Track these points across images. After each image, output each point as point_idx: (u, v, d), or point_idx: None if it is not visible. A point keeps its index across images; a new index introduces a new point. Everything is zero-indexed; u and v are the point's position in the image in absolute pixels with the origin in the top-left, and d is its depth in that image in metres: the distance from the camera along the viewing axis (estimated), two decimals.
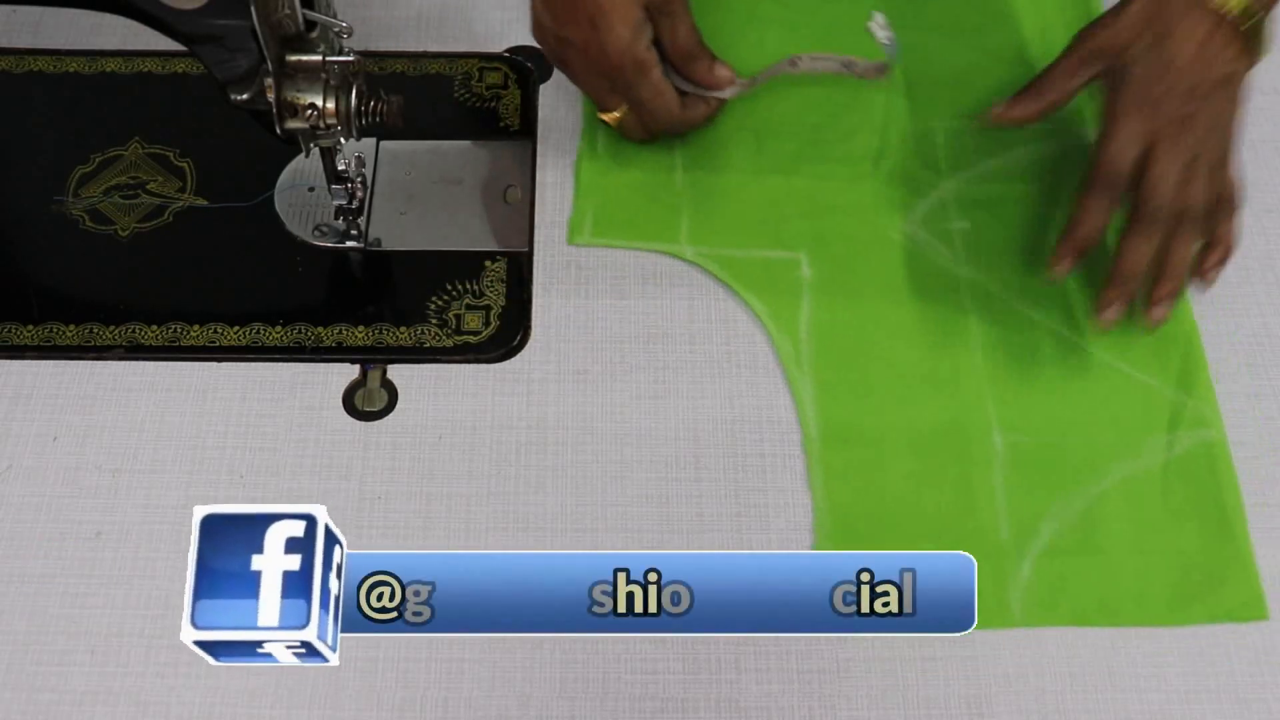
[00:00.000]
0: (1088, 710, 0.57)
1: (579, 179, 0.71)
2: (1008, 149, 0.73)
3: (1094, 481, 0.62)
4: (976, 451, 0.63)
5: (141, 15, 0.57)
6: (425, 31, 0.77)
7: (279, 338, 0.65)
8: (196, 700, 0.56)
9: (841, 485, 0.62)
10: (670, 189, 0.71)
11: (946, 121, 0.74)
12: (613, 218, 0.70)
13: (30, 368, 0.64)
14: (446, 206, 0.70)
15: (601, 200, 0.70)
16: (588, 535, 0.60)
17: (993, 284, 0.68)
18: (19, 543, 0.59)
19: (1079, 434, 0.63)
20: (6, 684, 0.56)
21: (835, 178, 0.71)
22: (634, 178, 0.71)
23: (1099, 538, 0.61)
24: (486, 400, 0.64)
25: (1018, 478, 0.62)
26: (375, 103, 0.61)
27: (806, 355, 0.65)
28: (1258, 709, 0.57)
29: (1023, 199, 0.71)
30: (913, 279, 0.68)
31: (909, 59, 0.75)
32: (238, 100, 0.59)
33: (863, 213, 0.70)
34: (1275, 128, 0.75)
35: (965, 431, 0.63)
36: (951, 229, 0.70)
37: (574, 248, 0.69)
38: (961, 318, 0.67)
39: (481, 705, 0.56)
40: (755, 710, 0.56)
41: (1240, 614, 0.59)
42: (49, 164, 0.70)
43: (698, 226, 0.69)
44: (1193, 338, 0.66)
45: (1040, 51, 0.76)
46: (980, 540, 0.60)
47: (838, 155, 0.72)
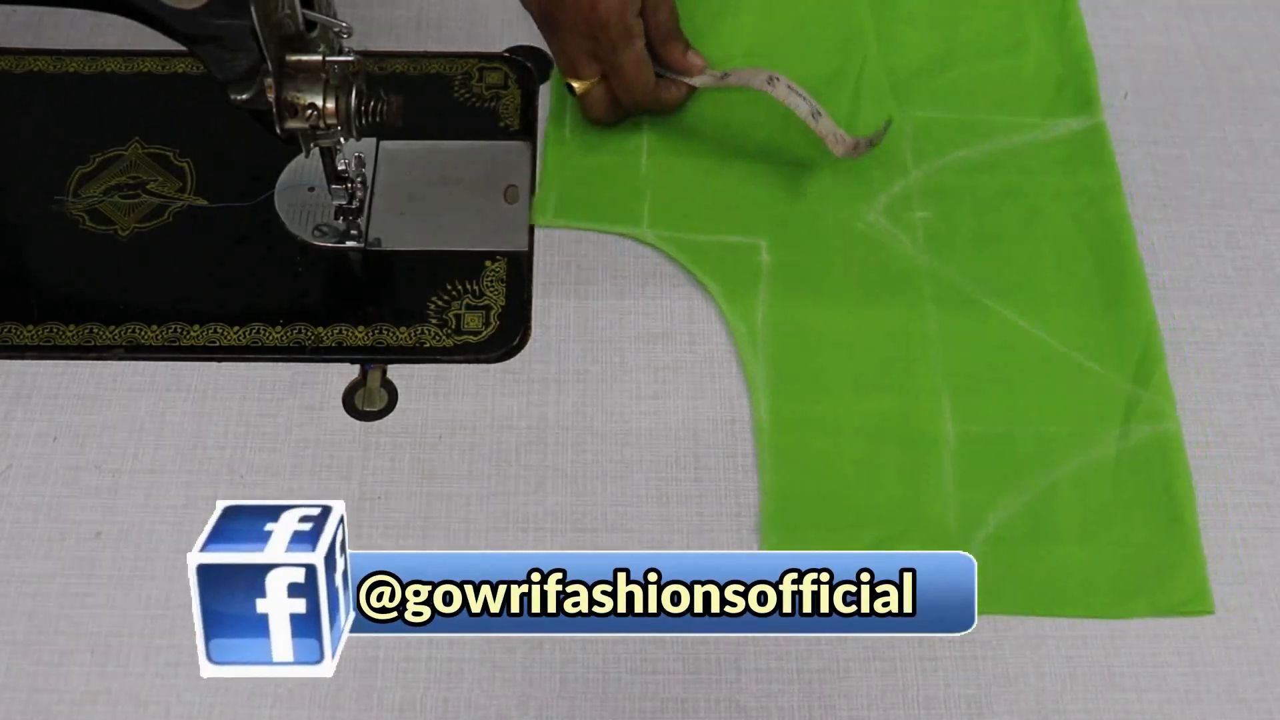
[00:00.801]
0: (1088, 710, 0.57)
1: (545, 161, 0.71)
2: (975, 140, 0.73)
3: (1045, 472, 0.62)
4: (927, 440, 0.63)
5: (141, 15, 0.57)
6: (425, 31, 0.77)
7: (279, 338, 0.65)
8: (196, 700, 0.56)
9: (790, 471, 0.61)
10: (635, 173, 0.71)
11: (916, 112, 0.74)
12: (576, 200, 0.70)
13: (30, 368, 0.64)
14: (446, 206, 0.70)
15: (566, 183, 0.71)
16: (588, 535, 0.60)
17: (952, 273, 0.68)
18: (19, 543, 0.59)
19: (1032, 424, 0.63)
20: (6, 684, 0.56)
21: (801, 166, 0.71)
22: (600, 161, 0.71)
23: (1048, 528, 0.61)
24: (486, 400, 0.64)
25: (968, 467, 0.62)
26: (375, 103, 0.61)
27: (762, 340, 0.65)
28: (1258, 709, 0.57)
29: (986, 190, 0.71)
30: (872, 267, 0.68)
31: (880, 49, 0.76)
32: (238, 100, 0.59)
33: (826, 201, 0.70)
34: (1275, 128, 0.75)
35: (917, 420, 0.63)
36: (914, 219, 0.70)
37: (575, 248, 0.69)
38: (919, 306, 0.67)
39: (481, 705, 0.56)
40: (755, 710, 0.56)
41: (1185, 608, 0.59)
42: (49, 164, 0.70)
43: (660, 210, 0.70)
44: (1152, 331, 0.66)
45: (1011, 42, 0.77)
46: (925, 529, 0.60)
47: (805, 144, 0.72)
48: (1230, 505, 0.62)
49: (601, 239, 0.69)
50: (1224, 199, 0.72)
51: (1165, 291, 0.68)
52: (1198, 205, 0.72)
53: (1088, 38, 0.77)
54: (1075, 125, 0.74)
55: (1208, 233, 0.71)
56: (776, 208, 0.70)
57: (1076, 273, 0.68)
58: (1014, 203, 0.70)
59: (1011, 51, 0.76)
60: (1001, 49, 0.76)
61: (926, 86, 0.75)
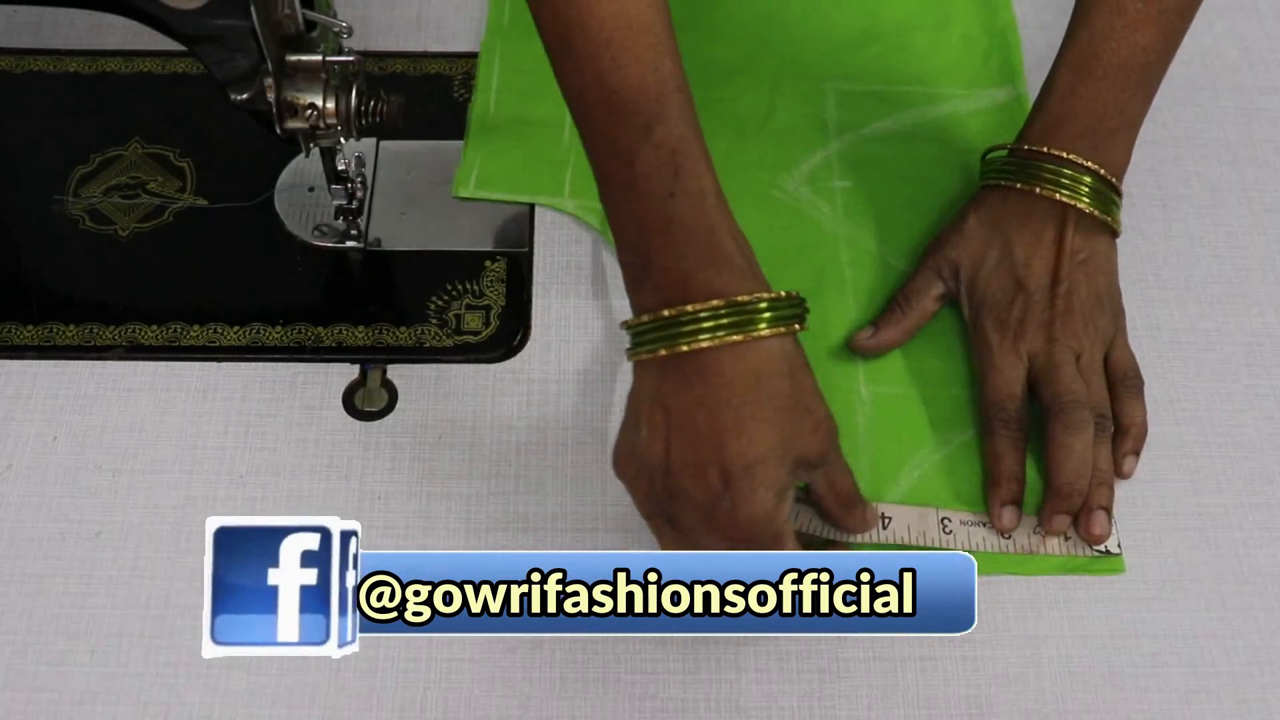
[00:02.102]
0: (1088, 710, 0.57)
1: (467, 133, 0.71)
2: (897, 111, 0.73)
3: (958, 432, 0.63)
4: (842, 402, 0.63)
5: (141, 15, 0.57)
6: (425, 31, 0.77)
7: (279, 338, 0.65)
8: (196, 700, 0.56)
9: None
10: (558, 145, 0.71)
11: (837, 83, 0.74)
12: (498, 171, 0.70)
13: (30, 368, 0.64)
14: (446, 206, 0.70)
15: (488, 154, 0.71)
16: (588, 535, 0.60)
17: (869, 240, 0.69)
18: (19, 543, 0.59)
19: (946, 386, 0.64)
20: (6, 684, 0.56)
21: (721, 136, 0.69)
22: (522, 134, 0.71)
23: (959, 486, 0.61)
24: (486, 400, 0.64)
25: (882, 427, 0.63)
26: (375, 103, 0.61)
27: None
28: (1258, 709, 0.57)
29: (907, 159, 0.71)
30: (790, 234, 0.68)
31: (804, 28, 0.76)
32: (238, 100, 0.59)
33: (747, 170, 0.70)
34: (1275, 128, 0.75)
35: (833, 381, 0.64)
36: (834, 187, 0.70)
37: (575, 248, 0.69)
38: (836, 270, 0.67)
39: (481, 705, 0.56)
40: (755, 710, 0.56)
41: (1096, 567, 0.60)
42: (49, 164, 0.70)
43: (582, 181, 0.69)
44: None
45: (936, 17, 0.77)
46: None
47: (726, 114, 0.72)
48: (1230, 505, 0.62)
49: (601, 238, 0.69)
50: (1224, 199, 0.72)
51: (1165, 291, 0.68)
52: (1198, 205, 0.72)
53: (1012, 10, 0.78)
54: (1000, 96, 0.74)
55: (1208, 233, 0.71)
56: None
57: None
58: (935, 171, 0.71)
59: (937, 26, 0.77)
60: (927, 24, 0.77)
61: (850, 60, 0.75)
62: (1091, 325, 0.62)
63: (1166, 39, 0.62)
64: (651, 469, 0.52)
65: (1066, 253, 0.62)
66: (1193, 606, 0.59)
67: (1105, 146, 0.62)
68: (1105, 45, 0.61)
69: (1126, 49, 0.61)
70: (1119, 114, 0.62)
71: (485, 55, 0.75)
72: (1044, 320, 0.61)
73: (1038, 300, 0.62)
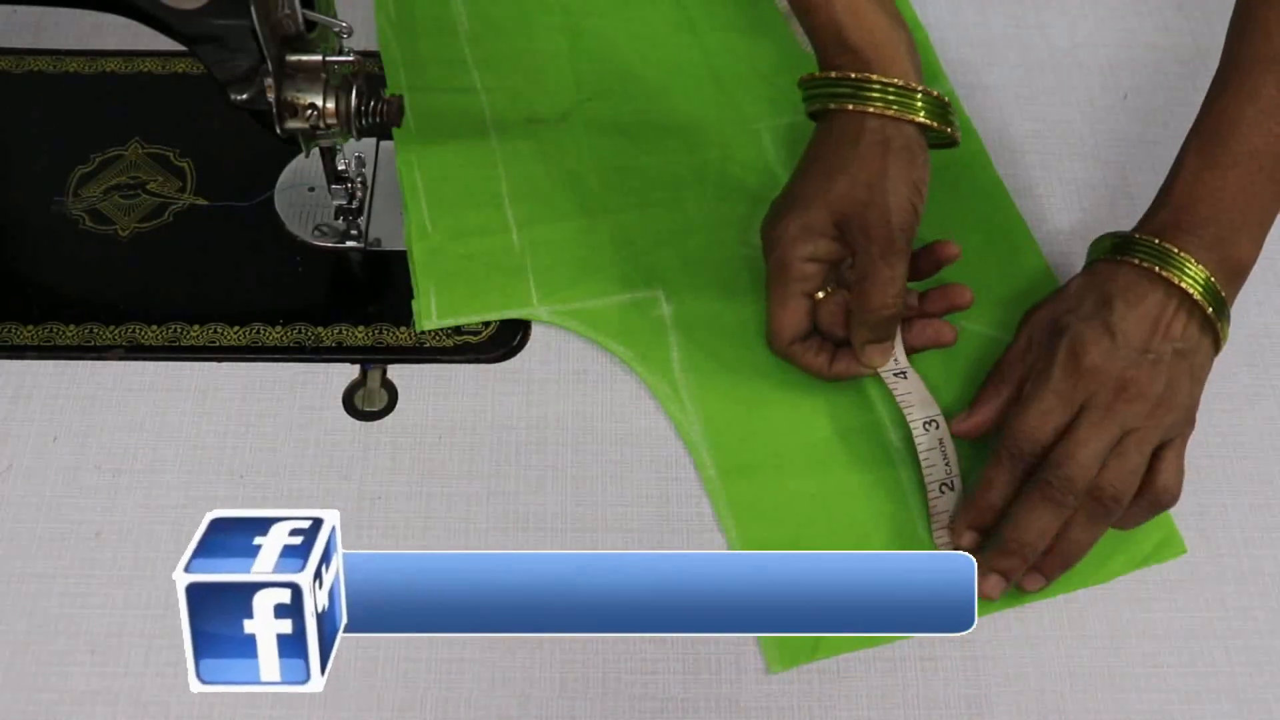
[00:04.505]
0: (1088, 710, 0.57)
1: (412, 260, 0.67)
2: None
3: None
4: (877, 452, 0.62)
5: (141, 15, 0.57)
6: None
7: (279, 338, 0.65)
8: (196, 700, 0.56)
9: (750, 517, 0.60)
10: (509, 251, 0.67)
11: (768, 121, 0.73)
12: (458, 296, 0.66)
13: (30, 368, 0.64)
14: None
15: (441, 280, 0.66)
16: (588, 535, 0.60)
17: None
18: (19, 543, 0.59)
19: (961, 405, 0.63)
20: (6, 684, 0.56)
21: (672, 205, 0.69)
22: (470, 247, 0.67)
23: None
24: (486, 400, 0.64)
25: (919, 466, 0.61)
26: (375, 103, 0.61)
27: (687, 397, 0.63)
28: (1258, 709, 0.57)
29: None
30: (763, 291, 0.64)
31: (719, 61, 0.75)
32: (238, 100, 0.59)
33: (709, 231, 0.68)
34: None
35: (862, 433, 0.63)
36: None
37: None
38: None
39: (481, 705, 0.56)
40: (755, 710, 0.56)
41: (1160, 555, 0.60)
42: (49, 164, 0.70)
43: (546, 284, 0.66)
44: (1051, 285, 0.66)
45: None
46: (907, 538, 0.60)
47: (667, 181, 0.70)
48: (1230, 505, 0.62)
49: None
50: None
51: None
52: None
53: (913, 9, 0.78)
54: None
55: None
56: (661, 253, 0.68)
57: (968, 246, 0.65)
58: None
59: None
60: None
61: (773, 94, 0.73)
62: (1162, 409, 0.57)
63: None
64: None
65: (1164, 328, 0.58)
66: (1192, 606, 0.59)
67: (1230, 240, 0.59)
68: (1235, 131, 0.59)
69: (1260, 136, 0.58)
70: (1246, 204, 0.59)
71: (405, 170, 0.70)
72: (1117, 383, 0.57)
73: (1121, 356, 0.58)
